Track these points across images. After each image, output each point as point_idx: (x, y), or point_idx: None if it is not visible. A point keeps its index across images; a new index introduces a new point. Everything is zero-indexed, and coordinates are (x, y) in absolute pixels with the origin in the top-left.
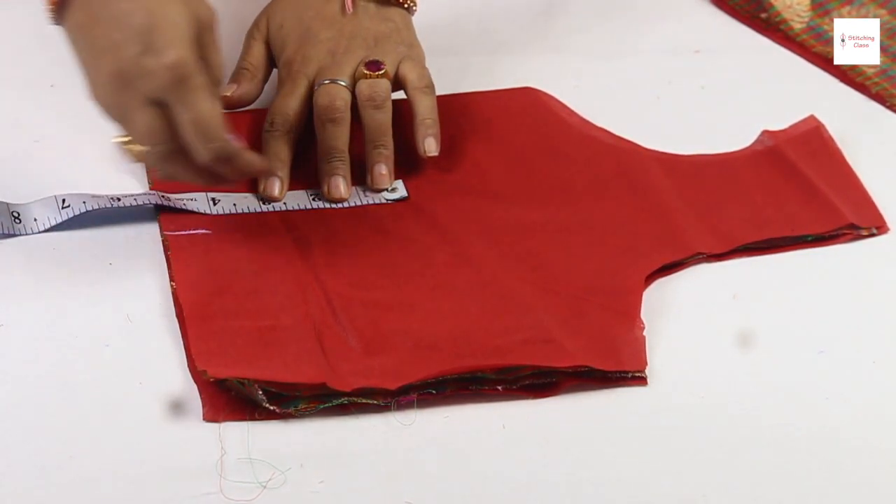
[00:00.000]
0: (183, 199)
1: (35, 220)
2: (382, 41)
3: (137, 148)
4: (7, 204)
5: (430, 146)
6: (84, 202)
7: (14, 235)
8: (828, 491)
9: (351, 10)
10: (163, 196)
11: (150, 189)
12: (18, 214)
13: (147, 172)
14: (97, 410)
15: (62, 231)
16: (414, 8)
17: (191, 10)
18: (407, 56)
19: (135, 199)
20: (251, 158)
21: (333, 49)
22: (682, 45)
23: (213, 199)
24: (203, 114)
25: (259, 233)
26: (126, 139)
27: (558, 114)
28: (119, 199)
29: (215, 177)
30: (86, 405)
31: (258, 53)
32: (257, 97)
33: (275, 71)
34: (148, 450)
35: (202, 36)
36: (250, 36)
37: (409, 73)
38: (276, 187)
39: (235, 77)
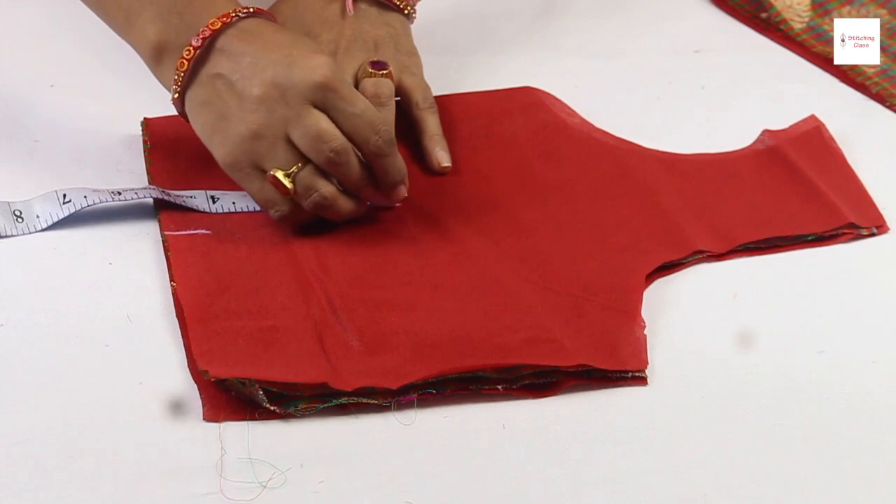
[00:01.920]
0: (183, 196)
1: (38, 216)
2: (382, 46)
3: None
4: (8, 203)
5: (442, 158)
6: (85, 196)
7: (16, 235)
8: (828, 491)
9: (352, 11)
10: (163, 192)
11: (150, 185)
12: (20, 213)
13: (147, 171)
14: (97, 410)
15: (62, 231)
16: (413, 15)
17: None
18: (407, 67)
19: (135, 194)
20: (396, 162)
21: (334, 51)
22: (682, 45)
23: (213, 198)
24: (366, 105)
25: (259, 233)
26: (282, 172)
27: (558, 114)
28: (120, 194)
29: (368, 186)
30: (86, 405)
31: None
32: None
33: None
34: (148, 450)
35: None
36: None
37: (414, 93)
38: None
39: None
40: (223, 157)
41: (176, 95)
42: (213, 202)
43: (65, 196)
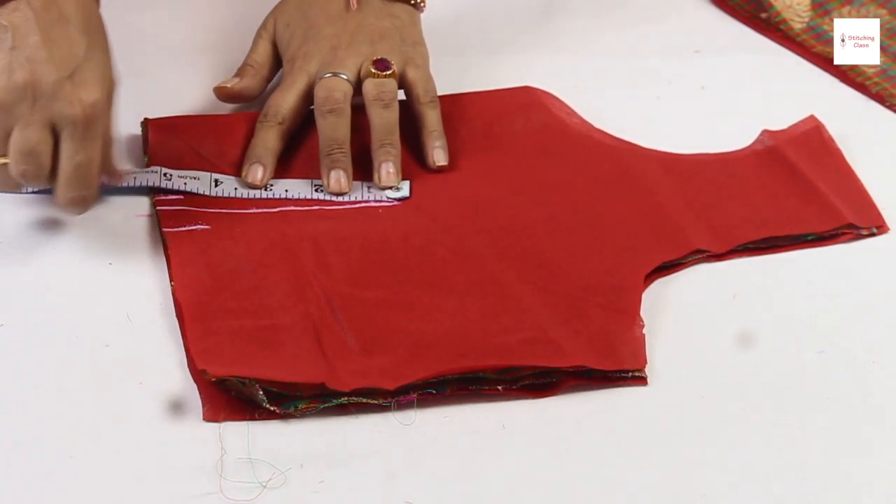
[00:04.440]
0: (185, 178)
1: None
2: (385, 38)
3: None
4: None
5: (439, 156)
6: None
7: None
8: (827, 490)
9: (356, 6)
10: (165, 174)
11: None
12: None
13: (145, 153)
14: (97, 410)
15: (62, 230)
16: (422, 5)
17: (110, 66)
18: (412, 60)
19: (135, 178)
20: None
21: (336, 45)
22: (682, 45)
23: (216, 181)
24: (92, 164)
25: (258, 231)
26: None
27: (557, 114)
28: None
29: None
30: (86, 405)
31: (263, 51)
32: (259, 94)
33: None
34: (148, 450)
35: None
36: (258, 35)
37: (416, 86)
38: (258, 174)
39: (239, 72)
40: None
41: None
42: (216, 185)
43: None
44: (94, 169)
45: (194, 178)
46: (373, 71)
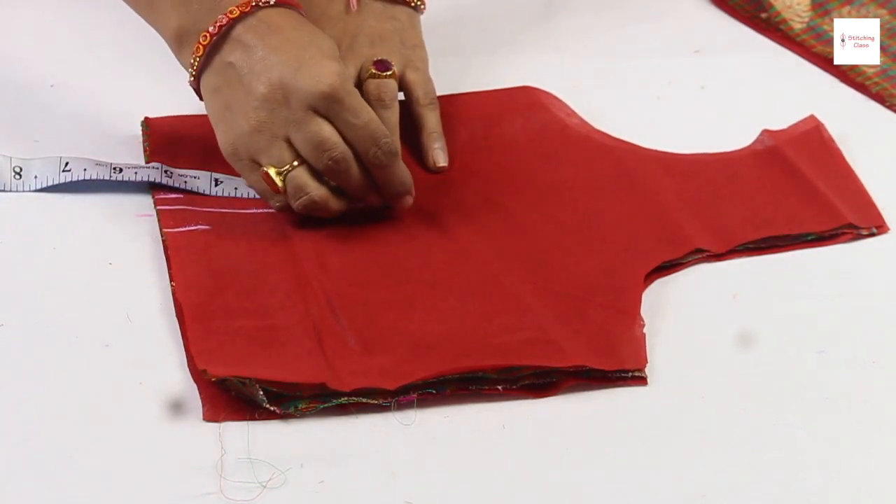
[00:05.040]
0: (185, 177)
1: (35, 177)
2: (385, 40)
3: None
4: (10, 158)
5: (439, 157)
6: (85, 169)
7: (8, 192)
8: (828, 491)
9: (356, 7)
10: (165, 171)
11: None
12: (20, 170)
13: (145, 152)
14: (97, 410)
15: (62, 230)
16: (422, 7)
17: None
18: (411, 62)
19: (135, 173)
20: (399, 171)
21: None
22: (682, 45)
23: (217, 180)
24: (370, 116)
25: (258, 231)
26: (275, 169)
27: (557, 114)
28: (121, 171)
29: (367, 191)
30: (86, 405)
31: None
32: None
33: None
34: (148, 450)
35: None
36: None
37: (416, 89)
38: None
39: None
40: (223, 145)
41: (192, 79)
42: (216, 185)
43: (66, 164)
44: (373, 123)
45: (194, 177)
46: (373, 72)
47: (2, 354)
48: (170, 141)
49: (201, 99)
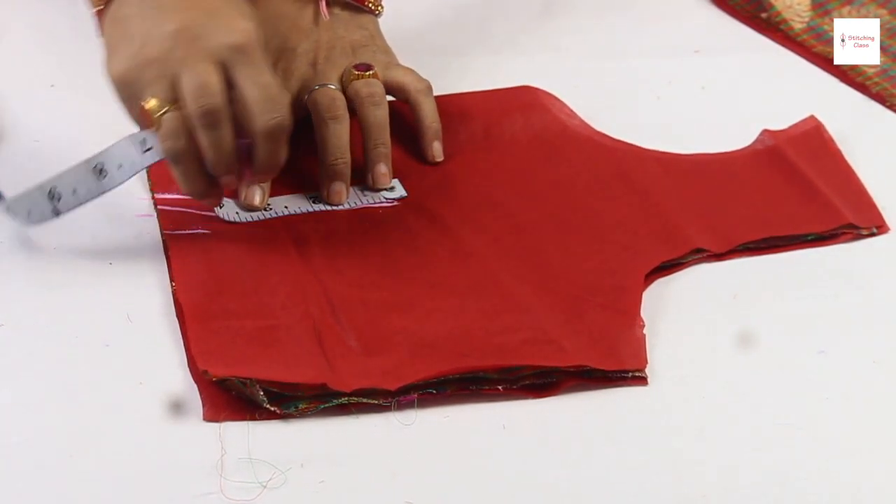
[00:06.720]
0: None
1: (120, 166)
2: (360, 49)
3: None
4: (39, 186)
5: (437, 151)
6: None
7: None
8: (827, 491)
9: (327, 16)
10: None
11: (151, 189)
12: (102, 167)
13: (147, 172)
14: (97, 410)
15: (62, 230)
16: (380, 10)
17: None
18: (390, 63)
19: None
20: (282, 152)
21: (313, 60)
22: (682, 45)
23: (218, 205)
24: (275, 81)
25: (258, 232)
26: (156, 102)
27: (557, 114)
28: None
29: (212, 184)
30: (86, 405)
31: None
32: None
33: None
34: (148, 450)
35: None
36: None
37: (405, 77)
38: (256, 196)
39: None
40: (114, 70)
41: (101, 6)
42: (219, 209)
43: (144, 140)
44: (279, 91)
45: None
46: (356, 73)
47: (2, 354)
48: None
49: (100, 31)
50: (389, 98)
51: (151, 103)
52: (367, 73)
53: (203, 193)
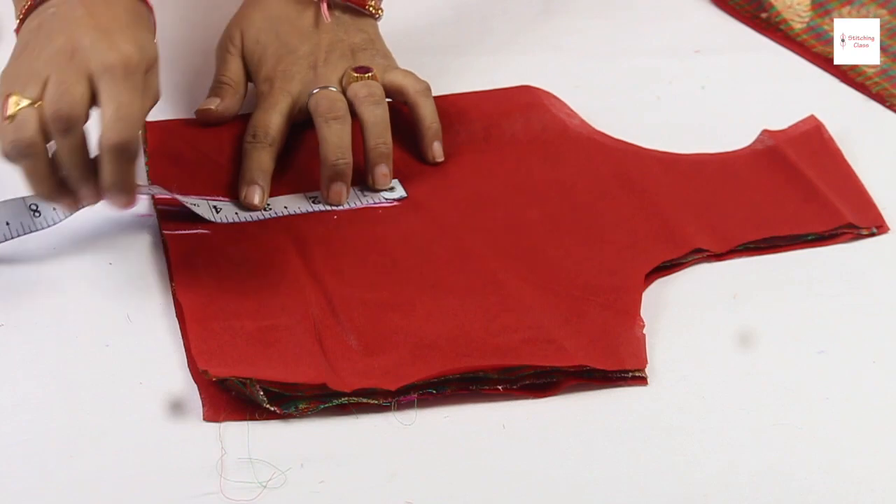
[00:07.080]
0: (188, 202)
1: (55, 208)
2: (360, 52)
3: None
4: (23, 199)
5: (437, 151)
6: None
7: (34, 231)
8: (828, 491)
9: (328, 18)
10: (170, 194)
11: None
12: (37, 207)
13: (147, 175)
14: (97, 410)
15: (62, 230)
16: (379, 14)
17: (152, 42)
18: (389, 67)
19: (147, 189)
20: (129, 175)
21: (314, 63)
22: (682, 45)
23: (216, 207)
24: (134, 106)
25: (258, 233)
26: (17, 97)
27: (557, 114)
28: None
29: (61, 191)
30: (86, 405)
31: (236, 68)
32: (237, 113)
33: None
34: (148, 450)
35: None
36: (225, 50)
37: (404, 80)
38: (256, 196)
39: (217, 91)
40: (2, 75)
41: (18, 23)
42: (217, 212)
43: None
44: (135, 114)
45: (194, 205)
46: (355, 75)
47: (2, 354)
48: (169, 145)
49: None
50: (389, 100)
51: (13, 98)
52: (367, 76)
53: (49, 197)
